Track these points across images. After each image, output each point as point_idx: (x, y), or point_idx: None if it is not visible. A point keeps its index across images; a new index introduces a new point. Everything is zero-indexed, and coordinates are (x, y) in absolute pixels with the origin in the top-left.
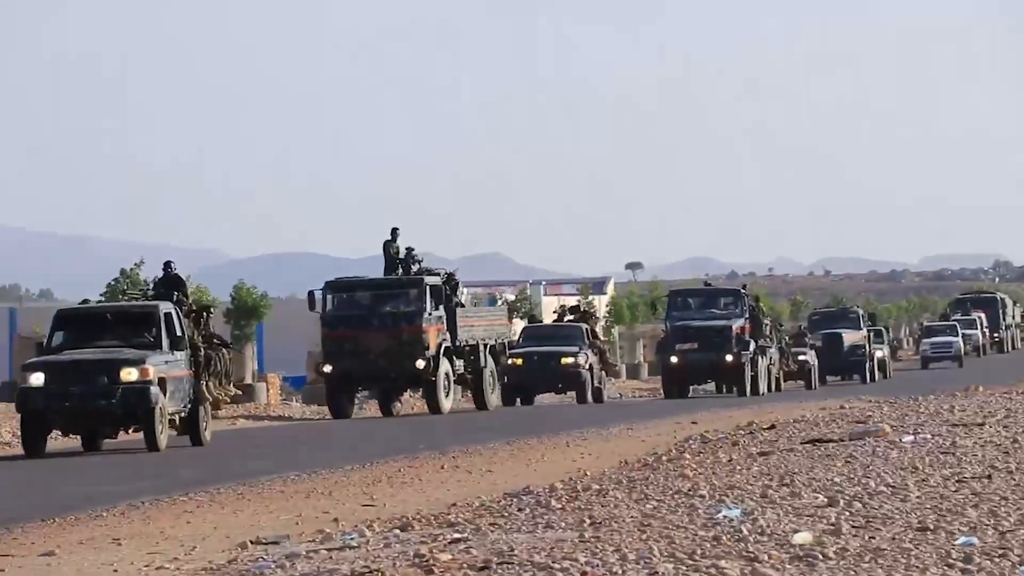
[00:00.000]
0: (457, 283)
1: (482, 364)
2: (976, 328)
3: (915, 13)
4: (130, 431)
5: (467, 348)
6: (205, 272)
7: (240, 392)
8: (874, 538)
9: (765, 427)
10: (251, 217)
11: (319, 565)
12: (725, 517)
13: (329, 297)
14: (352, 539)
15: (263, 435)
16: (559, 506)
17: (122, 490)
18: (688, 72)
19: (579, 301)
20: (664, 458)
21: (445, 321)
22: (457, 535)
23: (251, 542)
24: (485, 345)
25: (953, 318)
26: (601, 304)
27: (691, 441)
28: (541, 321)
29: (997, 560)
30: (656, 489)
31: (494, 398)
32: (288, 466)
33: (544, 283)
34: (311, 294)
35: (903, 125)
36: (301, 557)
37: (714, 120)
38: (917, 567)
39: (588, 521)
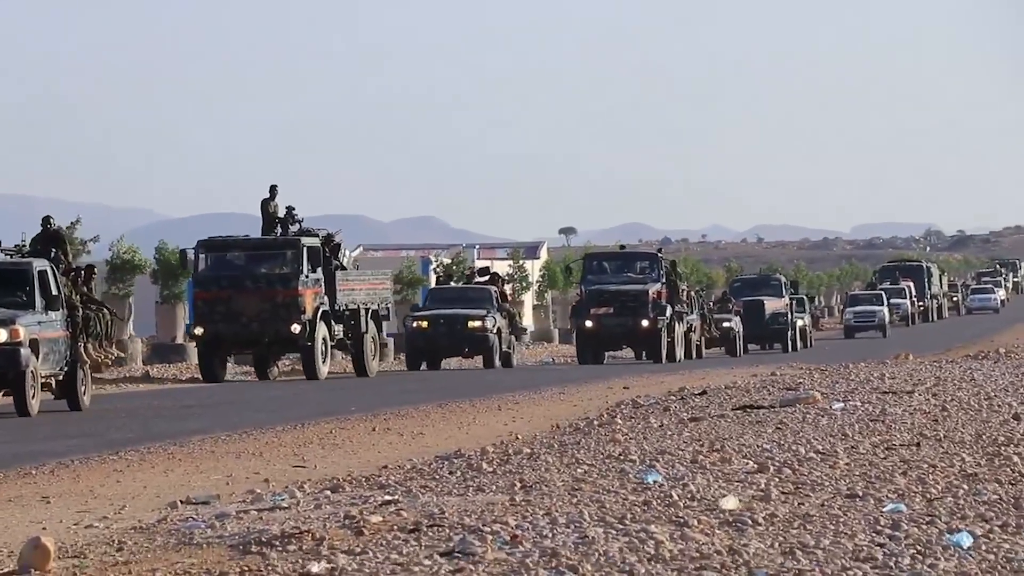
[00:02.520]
0: (338, 245)
1: (363, 329)
2: (905, 297)
3: None
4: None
5: (347, 312)
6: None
7: (122, 355)
8: (803, 504)
9: (696, 393)
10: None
11: (249, 525)
12: (655, 482)
13: (202, 256)
14: (282, 500)
15: (142, 400)
16: (490, 469)
17: (54, 448)
18: (621, 37)
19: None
20: (595, 422)
21: (323, 284)
22: (388, 497)
23: (181, 502)
24: (367, 310)
25: (881, 286)
26: (534, 269)
27: (622, 406)
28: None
29: (925, 527)
30: (587, 453)
31: (375, 364)
32: (219, 426)
33: (478, 247)
34: (183, 252)
35: (839, 93)
36: (231, 517)
37: (650, 86)
38: (846, 533)
39: (519, 484)
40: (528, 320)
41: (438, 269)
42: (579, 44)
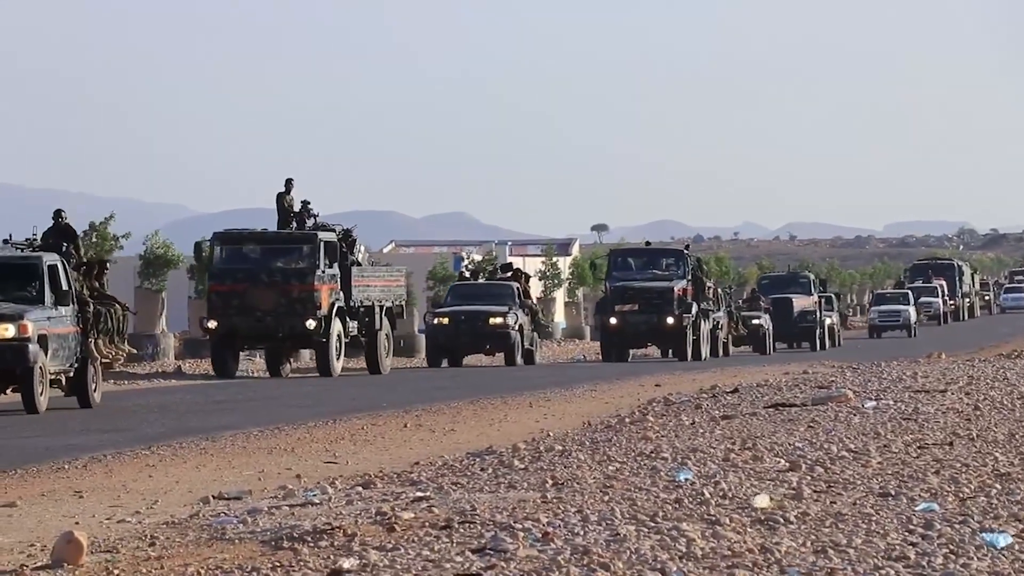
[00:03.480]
0: (354, 240)
1: (377, 326)
2: (937, 296)
3: None
4: (8, 391)
5: (362, 309)
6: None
7: (135, 351)
8: (835, 503)
9: (728, 391)
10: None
11: (281, 521)
12: (686, 480)
13: (217, 249)
14: (314, 496)
15: (174, 395)
16: (522, 466)
17: (87, 442)
18: (655, 34)
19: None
20: (627, 420)
21: (339, 280)
22: (419, 494)
23: (213, 497)
24: (381, 307)
25: (911, 285)
26: (565, 265)
27: (654, 403)
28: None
29: (958, 526)
30: (619, 451)
31: (388, 362)
32: (250, 422)
33: (509, 243)
34: (198, 245)
35: (873, 91)
36: (263, 512)
37: (683, 84)
38: (878, 532)
39: (550, 482)
40: (560, 317)
41: (469, 266)
42: (613, 40)
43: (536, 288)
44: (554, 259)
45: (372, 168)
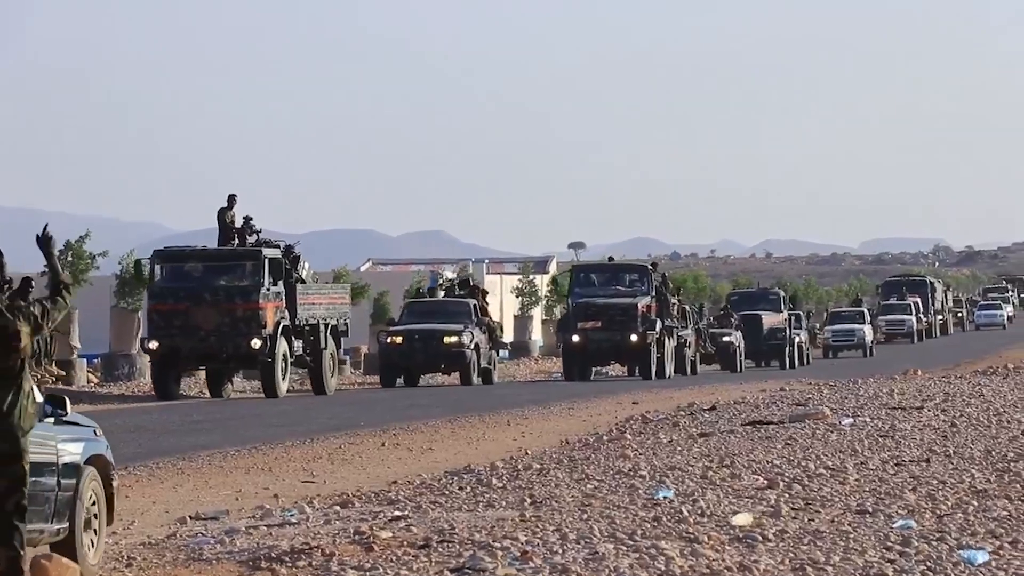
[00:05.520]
0: (298, 257)
1: (322, 345)
2: (910, 313)
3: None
4: None
5: (307, 328)
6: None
7: (62, 373)
8: (813, 520)
9: (705, 408)
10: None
11: (259, 541)
12: (665, 498)
13: (158, 267)
14: (292, 515)
15: (150, 415)
16: (500, 485)
17: None
18: (631, 51)
19: (463, 273)
20: (605, 438)
21: (284, 298)
22: (397, 513)
23: (190, 517)
24: (326, 325)
25: (886, 302)
26: (542, 283)
27: (632, 421)
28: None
29: (935, 543)
30: (597, 469)
31: (334, 382)
32: (227, 442)
33: (487, 261)
34: (138, 263)
35: (848, 108)
36: (241, 533)
37: (661, 103)
38: (856, 549)
39: (529, 500)
40: (537, 334)
41: (444, 284)
42: (591, 59)
43: (513, 306)
44: (531, 277)
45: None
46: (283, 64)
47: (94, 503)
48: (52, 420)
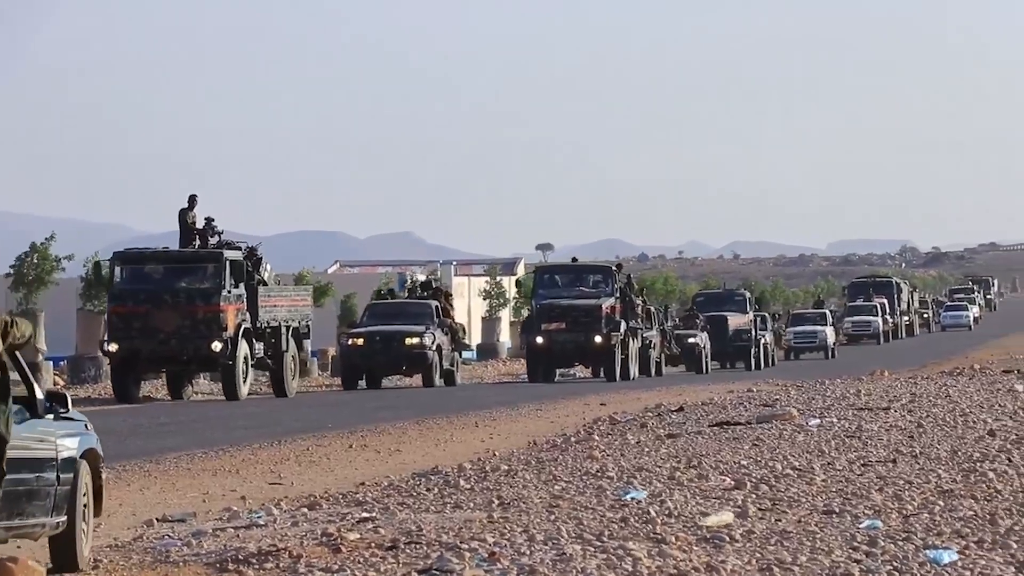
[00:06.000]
0: (260, 259)
1: (283, 348)
2: (876, 315)
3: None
4: None
5: (268, 330)
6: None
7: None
8: (780, 521)
9: (673, 409)
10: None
11: (226, 543)
12: (632, 499)
13: (118, 269)
14: (259, 517)
15: (115, 418)
16: (468, 486)
17: None
18: (599, 54)
19: (431, 275)
20: (573, 439)
21: (245, 300)
22: (365, 514)
23: (157, 519)
24: (287, 327)
25: (852, 303)
26: (510, 285)
27: (599, 423)
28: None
29: (901, 543)
30: (565, 470)
31: (295, 384)
32: (194, 444)
33: (455, 263)
34: (97, 265)
35: (815, 111)
36: (208, 535)
37: (629, 105)
38: (822, 550)
39: (497, 502)
40: (505, 336)
41: (410, 285)
42: (558, 60)
43: (481, 308)
44: (499, 279)
45: (318, 188)
46: (251, 66)
47: (84, 495)
48: (52, 416)
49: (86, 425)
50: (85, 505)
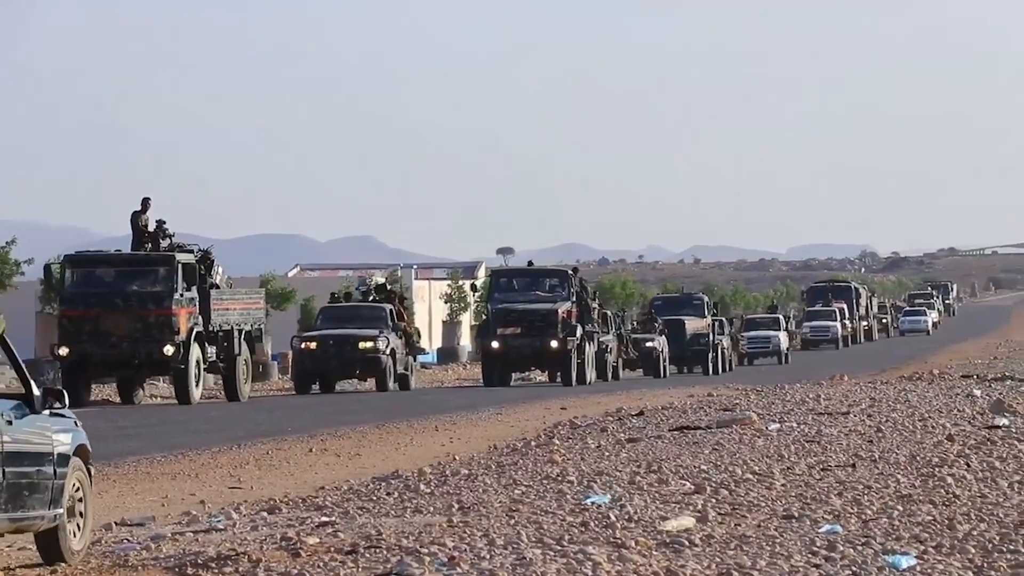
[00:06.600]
0: (212, 262)
1: (236, 352)
2: (835, 319)
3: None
4: None
5: (221, 334)
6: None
7: None
8: (740, 525)
9: (633, 414)
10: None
11: (185, 547)
12: (593, 503)
13: (68, 272)
14: (219, 521)
15: None
16: (428, 490)
17: None
18: (561, 58)
19: (392, 279)
20: (533, 443)
21: (198, 303)
22: (325, 518)
23: (116, 523)
24: (240, 331)
25: (811, 308)
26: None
27: (560, 427)
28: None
29: (860, 548)
30: (525, 474)
31: (247, 388)
32: (154, 447)
33: (415, 267)
34: (47, 268)
35: (775, 115)
36: (167, 539)
37: (589, 108)
38: (782, 554)
39: (457, 506)
40: (466, 340)
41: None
42: (518, 64)
43: (442, 312)
44: (460, 283)
45: (277, 191)
46: (211, 69)
47: (78, 490)
48: (47, 412)
49: (76, 422)
50: (80, 499)
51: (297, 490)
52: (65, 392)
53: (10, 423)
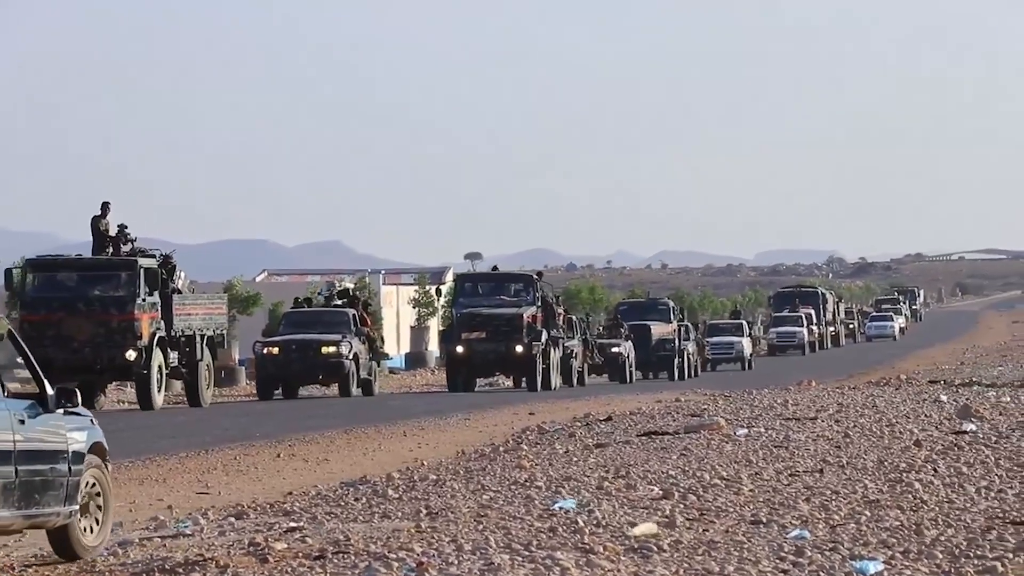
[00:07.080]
0: (174, 266)
1: (198, 357)
2: (801, 325)
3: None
4: None
5: (183, 339)
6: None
7: None
8: (708, 531)
9: (601, 419)
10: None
11: (152, 553)
12: (561, 508)
13: (30, 277)
14: (186, 527)
15: None
16: (396, 495)
17: None
18: (524, 67)
19: (354, 285)
20: (501, 449)
21: (160, 308)
22: (293, 524)
23: None
24: (202, 336)
25: (777, 314)
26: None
27: (528, 432)
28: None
29: (828, 553)
30: (493, 480)
31: (209, 394)
32: (121, 453)
33: (383, 272)
34: (8, 272)
35: (742, 121)
36: (134, 544)
37: (556, 113)
38: (750, 560)
39: (425, 511)
40: (433, 345)
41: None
42: (484, 67)
43: (410, 317)
44: (428, 288)
45: (244, 196)
46: (176, 73)
47: (93, 486)
48: (61, 411)
49: (92, 420)
50: (98, 494)
51: (265, 495)
52: (77, 391)
53: (23, 422)
